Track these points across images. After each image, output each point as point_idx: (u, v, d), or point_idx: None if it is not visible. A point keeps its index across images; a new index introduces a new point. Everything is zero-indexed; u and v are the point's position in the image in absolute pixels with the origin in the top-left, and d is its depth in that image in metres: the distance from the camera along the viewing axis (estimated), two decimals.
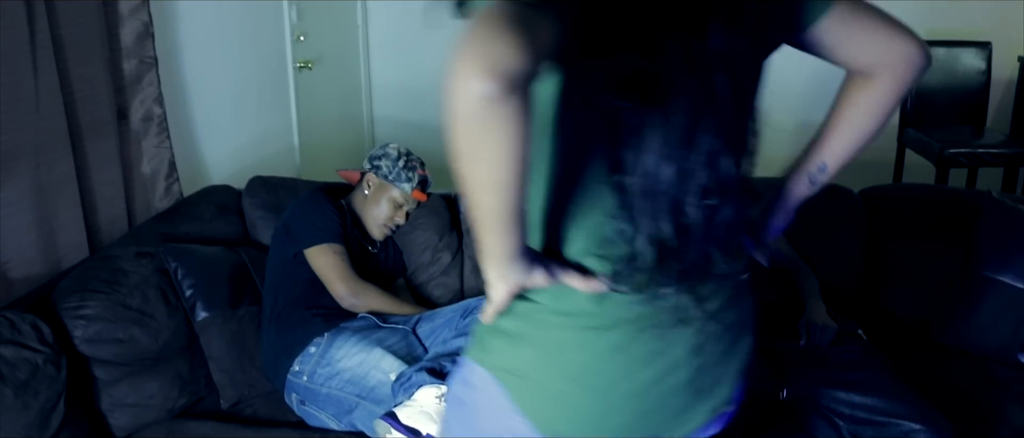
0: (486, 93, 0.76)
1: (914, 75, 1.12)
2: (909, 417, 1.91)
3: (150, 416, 2.17)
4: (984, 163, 4.03)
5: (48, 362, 1.93)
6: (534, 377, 1.09)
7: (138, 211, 2.60)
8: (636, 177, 0.94)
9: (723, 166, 0.96)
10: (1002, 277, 2.36)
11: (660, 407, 1.12)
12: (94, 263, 2.21)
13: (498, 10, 0.77)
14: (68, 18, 2.22)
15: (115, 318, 2.10)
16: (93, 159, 2.37)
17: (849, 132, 1.22)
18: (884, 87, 1.14)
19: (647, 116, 0.92)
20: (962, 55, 4.30)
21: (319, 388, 2.14)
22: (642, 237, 0.98)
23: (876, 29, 1.11)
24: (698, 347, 1.11)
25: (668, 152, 0.93)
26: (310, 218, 2.36)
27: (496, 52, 0.75)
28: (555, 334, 1.08)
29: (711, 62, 0.92)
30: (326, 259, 2.29)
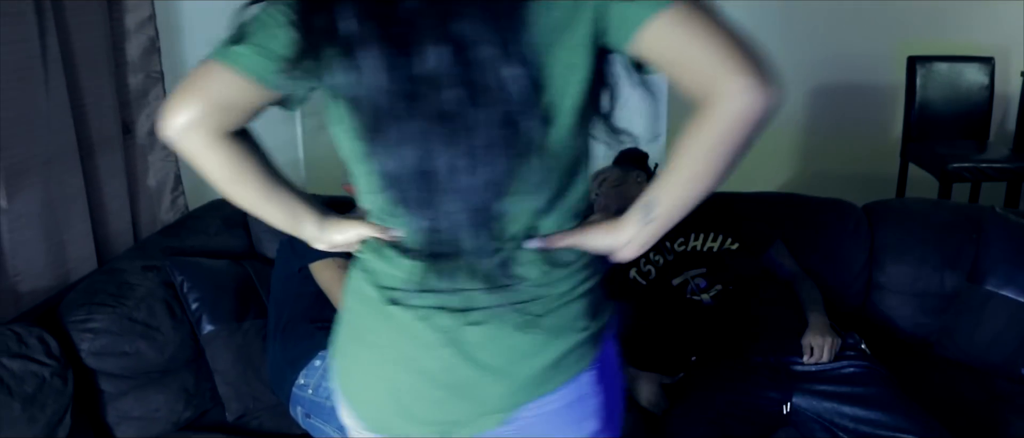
0: (167, 136, 1.03)
1: (746, 117, 0.94)
2: (912, 431, 1.91)
3: (156, 429, 2.18)
4: (987, 178, 4.03)
5: (55, 375, 1.94)
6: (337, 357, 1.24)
7: (143, 225, 2.62)
8: (382, 162, 1.01)
9: (464, 164, 0.97)
10: (1005, 291, 2.36)
11: (416, 397, 1.15)
12: (100, 277, 2.23)
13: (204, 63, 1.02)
14: (77, 33, 2.24)
15: (121, 331, 2.11)
16: (100, 173, 2.38)
17: (678, 170, 1.03)
18: (709, 124, 0.96)
19: (383, 120, 0.97)
20: (965, 70, 4.31)
21: (324, 401, 2.14)
22: (402, 218, 1.07)
23: (706, 48, 0.94)
24: (452, 341, 1.11)
25: (404, 150, 0.98)
26: None
27: (169, 106, 1.02)
28: (351, 313, 1.19)
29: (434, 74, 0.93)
30: (331, 273, 2.30)
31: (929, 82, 4.29)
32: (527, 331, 1.10)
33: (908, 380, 2.22)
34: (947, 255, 2.50)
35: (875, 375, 2.09)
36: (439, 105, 0.94)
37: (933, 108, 4.31)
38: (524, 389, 1.12)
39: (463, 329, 1.10)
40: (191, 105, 1.01)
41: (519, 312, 1.09)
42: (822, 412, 2.04)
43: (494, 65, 0.93)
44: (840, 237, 2.58)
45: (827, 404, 2.04)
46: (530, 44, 0.95)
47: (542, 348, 1.11)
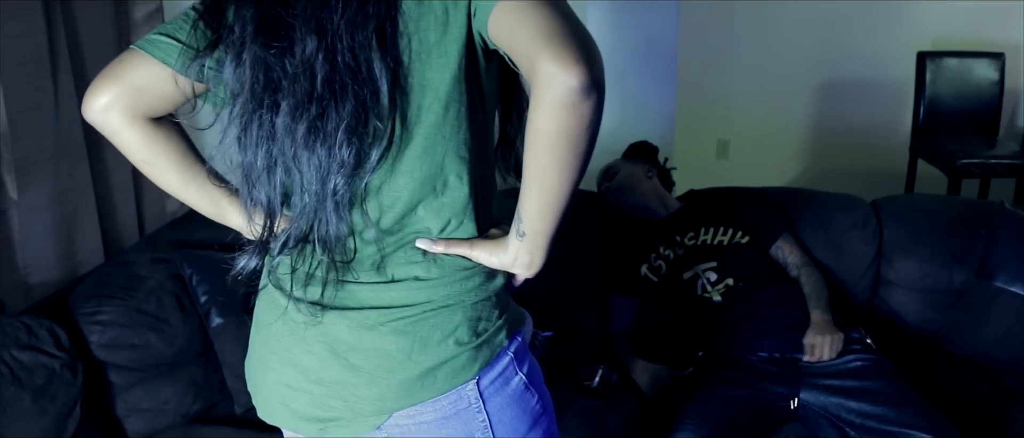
0: (88, 116, 1.14)
1: (559, 103, 0.90)
2: (919, 427, 1.91)
3: (165, 421, 2.19)
4: (996, 174, 4.02)
5: (64, 367, 1.94)
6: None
7: (150, 217, 2.62)
8: (251, 151, 1.07)
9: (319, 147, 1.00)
10: (1014, 288, 2.35)
11: (295, 391, 1.17)
12: (110, 269, 2.23)
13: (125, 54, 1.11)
14: (85, 26, 2.24)
15: (131, 324, 2.11)
16: (107, 166, 2.39)
17: (527, 173, 1.01)
18: (532, 116, 0.94)
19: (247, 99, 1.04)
20: (975, 66, 4.30)
21: None
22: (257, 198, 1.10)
23: (527, 34, 0.92)
24: (327, 338, 1.12)
25: (249, 129, 1.05)
26: None
27: (91, 87, 1.13)
28: (258, 303, 1.25)
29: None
30: None
31: (938, 78, 4.28)
32: (399, 335, 1.10)
33: (916, 376, 2.22)
34: (956, 251, 2.49)
35: (881, 368, 2.09)
36: (303, 91, 0.99)
37: (942, 104, 4.30)
38: (394, 395, 1.11)
39: (338, 327, 1.11)
40: (109, 86, 1.10)
41: (392, 315, 1.10)
42: (829, 407, 2.04)
43: (360, 52, 0.98)
44: (849, 233, 2.58)
45: (834, 399, 2.04)
46: (398, 34, 0.99)
47: (412, 354, 1.10)
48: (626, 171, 2.60)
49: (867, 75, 4.70)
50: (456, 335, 1.11)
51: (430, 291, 1.10)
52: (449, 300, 1.11)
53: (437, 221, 1.10)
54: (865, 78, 4.72)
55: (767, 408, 2.07)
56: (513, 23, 0.93)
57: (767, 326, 2.22)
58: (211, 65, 1.06)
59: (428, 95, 1.02)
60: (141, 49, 1.09)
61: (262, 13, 1.00)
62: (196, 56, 1.05)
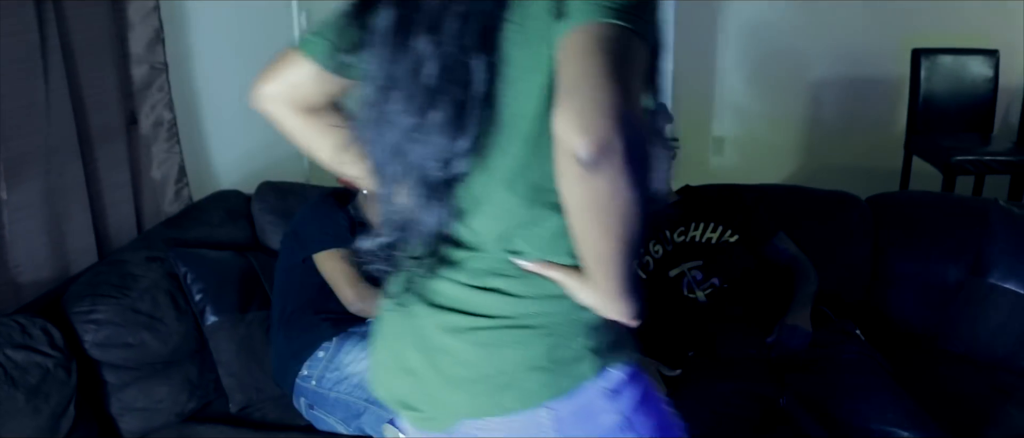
0: (253, 104, 1.27)
1: (567, 172, 0.88)
2: (903, 425, 1.91)
3: (159, 420, 2.18)
4: (991, 171, 4.03)
5: (58, 366, 1.94)
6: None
7: (147, 216, 2.62)
8: (368, 143, 1.12)
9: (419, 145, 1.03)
10: (1008, 285, 2.36)
11: (385, 368, 1.21)
12: (104, 268, 2.23)
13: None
14: (78, 24, 2.23)
15: (125, 322, 2.11)
16: (103, 164, 2.38)
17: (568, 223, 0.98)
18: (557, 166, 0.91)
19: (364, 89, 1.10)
20: (970, 63, 4.30)
21: (328, 392, 2.15)
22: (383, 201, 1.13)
23: (564, 74, 0.89)
24: (416, 330, 1.14)
25: (372, 120, 1.09)
26: (319, 223, 2.37)
27: (256, 79, 1.26)
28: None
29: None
30: (334, 264, 2.30)
31: (933, 75, 4.28)
32: (477, 346, 1.09)
33: (911, 373, 2.23)
34: (951, 248, 2.49)
35: (868, 363, 2.09)
36: (413, 86, 1.02)
37: (937, 101, 4.30)
38: (464, 404, 1.10)
39: (428, 324, 1.12)
40: (269, 81, 1.23)
41: (474, 322, 1.09)
42: (817, 404, 2.04)
43: (464, 54, 0.99)
44: (844, 230, 2.58)
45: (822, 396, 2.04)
46: (504, 40, 0.99)
47: (485, 367, 1.08)
48: None
49: (862, 72, 4.71)
50: (531, 357, 1.07)
51: (514, 306, 1.08)
52: (530, 320, 1.08)
53: (532, 239, 1.07)
54: (860, 75, 4.72)
55: (756, 405, 2.07)
56: (563, 59, 0.90)
57: (755, 325, 2.22)
58: (353, 63, 1.12)
59: (524, 105, 1.00)
60: (298, 47, 1.19)
61: (399, 14, 1.04)
62: (341, 54, 1.13)
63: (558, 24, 0.92)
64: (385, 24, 1.05)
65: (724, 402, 2.05)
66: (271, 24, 3.52)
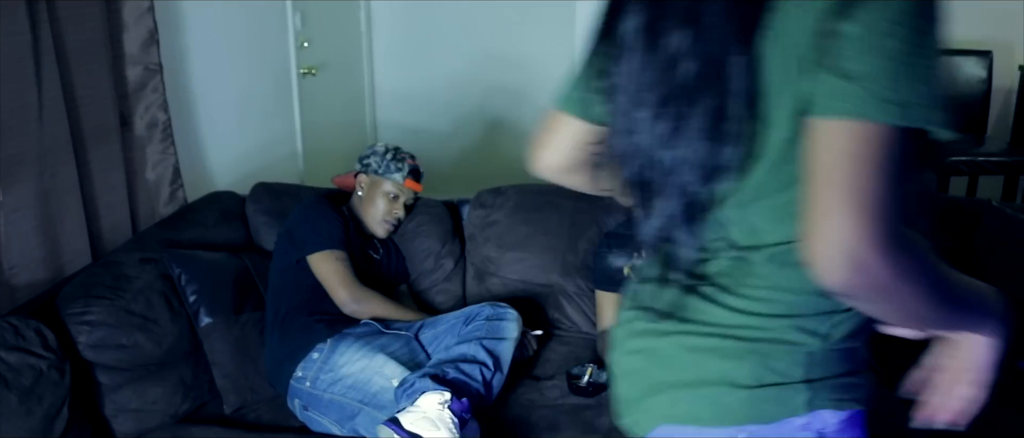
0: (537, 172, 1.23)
1: (821, 273, 0.83)
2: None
3: (154, 421, 2.18)
4: (984, 171, 4.03)
5: (52, 368, 1.94)
6: None
7: (142, 217, 2.62)
8: (616, 143, 1.06)
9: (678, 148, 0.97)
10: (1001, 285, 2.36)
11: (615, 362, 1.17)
12: (98, 269, 2.23)
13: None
14: (72, 25, 2.23)
15: (119, 324, 2.11)
16: (97, 165, 2.38)
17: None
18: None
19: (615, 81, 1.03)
20: (963, 64, 4.31)
21: (322, 394, 2.15)
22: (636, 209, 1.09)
23: (814, 203, 0.83)
24: (638, 334, 1.11)
25: (623, 131, 1.03)
26: (313, 224, 2.38)
27: (531, 148, 1.21)
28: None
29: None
30: (329, 265, 2.30)
31: None
32: (684, 351, 1.04)
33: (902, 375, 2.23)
34: (944, 249, 2.50)
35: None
36: (668, 87, 0.96)
37: None
38: (660, 405, 1.07)
39: (648, 326, 1.09)
40: (543, 148, 1.20)
41: (685, 328, 1.04)
42: None
43: (724, 50, 0.91)
44: None
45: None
46: (759, 42, 0.90)
47: (686, 370, 1.04)
48: None
49: None
50: (734, 372, 1.01)
51: (730, 317, 1.02)
52: (743, 333, 1.01)
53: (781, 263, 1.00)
54: None
55: None
56: (813, 152, 0.84)
57: None
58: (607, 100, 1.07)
59: (780, 111, 0.92)
60: (559, 108, 1.17)
61: (650, 11, 0.97)
62: (595, 95, 1.09)
63: (818, 80, 0.84)
64: (635, 24, 0.98)
65: None
66: (265, 25, 3.52)
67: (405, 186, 2.58)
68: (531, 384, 2.34)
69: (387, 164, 2.55)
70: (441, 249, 2.67)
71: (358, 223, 2.57)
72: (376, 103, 4.91)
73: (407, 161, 2.58)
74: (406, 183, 2.57)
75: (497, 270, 2.65)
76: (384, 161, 2.55)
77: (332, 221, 2.40)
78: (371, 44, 4.80)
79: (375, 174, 2.56)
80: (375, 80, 4.89)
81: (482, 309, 2.28)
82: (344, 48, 4.53)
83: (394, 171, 2.55)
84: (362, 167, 2.58)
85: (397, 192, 2.57)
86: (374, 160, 2.56)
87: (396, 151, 2.58)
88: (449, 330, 2.28)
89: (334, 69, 4.25)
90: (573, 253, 2.60)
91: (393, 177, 2.55)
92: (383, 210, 2.56)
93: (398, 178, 2.55)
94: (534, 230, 2.63)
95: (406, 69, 4.84)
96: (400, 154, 2.58)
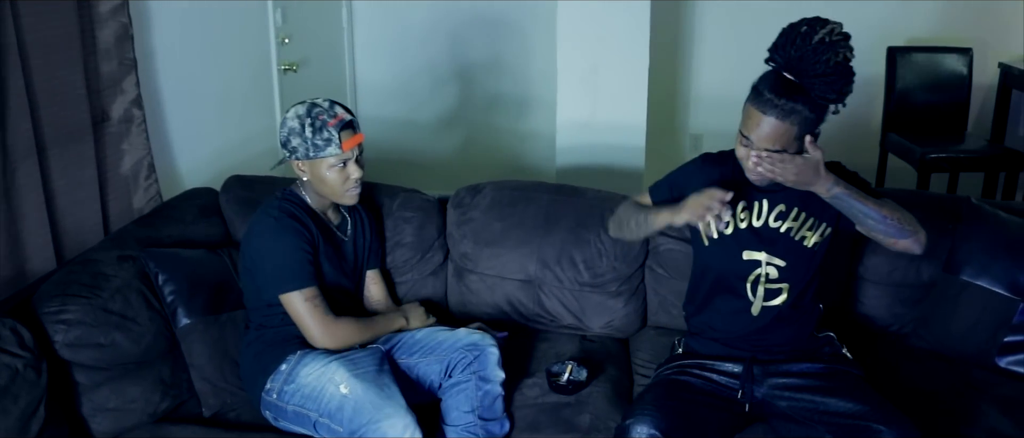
0: None
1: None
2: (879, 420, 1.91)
3: (132, 420, 2.16)
4: (965, 168, 4.06)
5: (28, 367, 1.92)
6: None
7: (115, 213, 2.60)
8: None
9: None
10: (980, 282, 2.37)
11: None
12: (75, 267, 2.21)
13: None
14: (38, 21, 2.20)
15: (96, 322, 2.09)
16: (67, 161, 2.36)
17: None
18: None
19: None
20: (944, 61, 4.34)
21: (286, 406, 2.11)
22: None
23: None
24: None
25: None
26: (277, 261, 2.18)
27: None
28: None
29: None
30: (300, 305, 2.16)
31: (908, 73, 4.31)
32: None
33: (883, 370, 2.24)
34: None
35: (847, 377, 2.09)
36: None
37: (912, 99, 4.34)
38: None
39: None
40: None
41: None
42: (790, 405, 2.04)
43: None
44: None
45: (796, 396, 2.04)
46: None
47: None
48: (782, 131, 1.99)
49: None
50: None
51: None
52: None
53: None
54: None
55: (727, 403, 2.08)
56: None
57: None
58: None
59: None
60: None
61: None
62: None
63: None
64: None
65: (694, 395, 2.06)
66: (245, 22, 3.50)
67: (345, 150, 2.19)
68: (510, 383, 2.33)
69: (312, 144, 2.17)
70: (428, 242, 2.65)
71: (314, 209, 2.31)
72: (357, 95, 4.89)
73: (329, 124, 2.17)
74: (344, 147, 2.18)
75: (474, 267, 2.64)
76: (308, 142, 2.17)
77: (295, 248, 2.18)
78: (353, 39, 4.79)
79: (307, 158, 2.20)
80: (356, 73, 4.87)
81: (459, 356, 2.22)
82: (326, 44, 4.51)
83: (324, 147, 2.17)
84: (289, 153, 2.22)
85: (341, 160, 2.20)
86: (298, 144, 2.18)
87: (313, 121, 2.16)
88: (427, 370, 2.25)
89: (315, 65, 4.23)
90: (550, 245, 2.59)
91: (329, 152, 2.17)
92: (337, 183, 2.22)
93: (334, 150, 2.17)
94: (508, 225, 2.62)
95: (388, 62, 4.84)
96: (319, 120, 2.17)
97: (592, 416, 2.20)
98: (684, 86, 4.87)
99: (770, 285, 2.14)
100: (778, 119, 1.95)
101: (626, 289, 2.60)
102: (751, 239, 2.15)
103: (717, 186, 2.03)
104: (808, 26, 2.00)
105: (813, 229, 2.14)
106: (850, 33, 2.03)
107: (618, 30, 3.47)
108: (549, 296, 2.62)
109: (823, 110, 2.01)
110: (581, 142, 3.67)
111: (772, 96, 1.96)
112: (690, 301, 2.34)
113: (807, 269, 2.15)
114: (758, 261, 2.14)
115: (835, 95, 1.99)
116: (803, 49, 1.97)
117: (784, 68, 2.01)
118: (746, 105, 2.04)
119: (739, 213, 2.16)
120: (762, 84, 2.01)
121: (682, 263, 2.54)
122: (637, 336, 2.66)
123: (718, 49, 4.79)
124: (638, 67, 3.52)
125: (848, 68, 2.03)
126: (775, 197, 2.15)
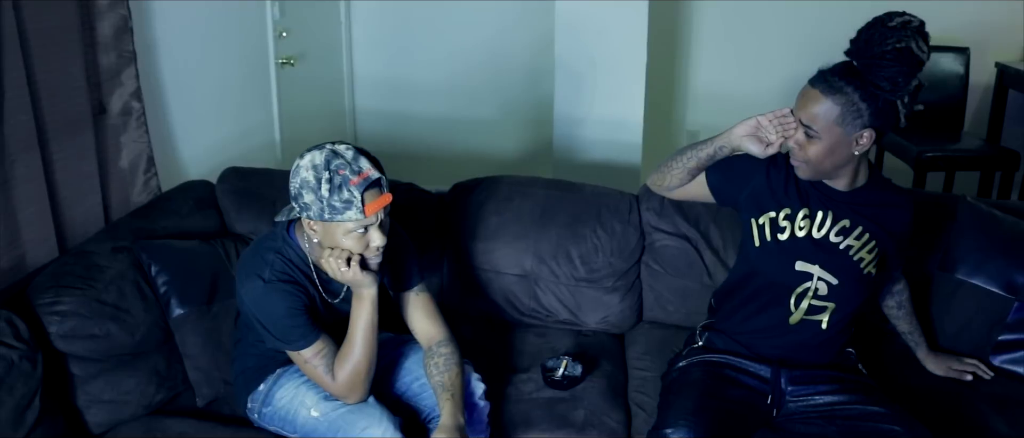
0: None
1: None
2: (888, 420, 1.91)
3: (127, 412, 2.16)
4: (961, 167, 4.07)
5: (23, 358, 1.91)
6: None
7: (115, 206, 2.59)
8: None
9: None
10: (975, 280, 2.38)
11: None
12: (69, 259, 2.20)
13: None
14: (39, 12, 2.19)
15: (91, 314, 2.09)
16: (67, 154, 2.35)
17: None
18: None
19: None
20: (941, 60, 4.34)
21: (266, 425, 2.11)
22: None
23: None
24: None
25: None
26: (271, 323, 1.97)
27: None
28: None
29: None
30: (303, 365, 2.00)
31: None
32: None
33: (879, 368, 2.24)
34: (920, 243, 2.51)
35: (864, 384, 2.08)
36: None
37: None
38: None
39: None
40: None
41: None
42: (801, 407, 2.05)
43: None
44: None
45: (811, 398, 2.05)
46: None
47: None
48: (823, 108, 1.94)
49: None
50: None
51: None
52: None
53: None
54: None
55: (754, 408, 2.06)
56: None
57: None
58: None
59: None
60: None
61: None
62: None
63: None
64: None
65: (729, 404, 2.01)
66: (243, 16, 3.50)
67: (369, 215, 1.85)
68: (505, 378, 2.33)
69: (328, 206, 1.83)
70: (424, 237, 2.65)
71: (319, 257, 1.98)
72: (355, 89, 4.89)
73: (351, 182, 1.82)
74: (367, 211, 1.84)
75: (471, 261, 2.64)
76: (323, 202, 1.83)
77: (291, 315, 1.94)
78: (351, 33, 4.78)
79: (321, 219, 1.86)
80: (354, 67, 4.87)
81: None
82: (323, 38, 4.51)
83: (342, 210, 1.83)
84: (301, 210, 1.89)
85: (362, 226, 1.87)
86: (311, 202, 1.84)
87: (332, 176, 1.82)
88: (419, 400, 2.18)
89: (313, 59, 4.23)
90: (546, 240, 2.59)
91: (347, 218, 1.84)
92: (358, 250, 1.91)
93: (353, 215, 1.83)
94: (504, 220, 2.62)
95: (386, 56, 4.84)
96: (339, 176, 1.82)
97: (587, 411, 2.20)
98: (681, 82, 4.87)
99: (816, 301, 2.06)
100: (822, 93, 1.92)
101: (622, 284, 2.60)
102: (807, 249, 2.05)
103: (771, 180, 2.09)
104: (888, 13, 1.96)
105: (872, 252, 2.06)
106: (928, 33, 1.94)
107: (616, 26, 3.47)
108: (545, 291, 2.62)
109: (874, 103, 1.91)
110: (578, 137, 3.67)
111: (826, 73, 1.95)
112: (726, 298, 2.23)
113: (858, 293, 2.08)
114: (809, 274, 2.04)
115: (888, 84, 1.88)
116: (872, 31, 1.92)
117: (853, 54, 1.95)
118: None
119: (799, 220, 2.06)
120: (826, 66, 1.99)
121: (678, 259, 2.55)
122: (632, 331, 2.67)
123: (716, 45, 4.79)
124: (636, 63, 3.52)
125: (912, 58, 1.90)
126: (839, 210, 2.06)
